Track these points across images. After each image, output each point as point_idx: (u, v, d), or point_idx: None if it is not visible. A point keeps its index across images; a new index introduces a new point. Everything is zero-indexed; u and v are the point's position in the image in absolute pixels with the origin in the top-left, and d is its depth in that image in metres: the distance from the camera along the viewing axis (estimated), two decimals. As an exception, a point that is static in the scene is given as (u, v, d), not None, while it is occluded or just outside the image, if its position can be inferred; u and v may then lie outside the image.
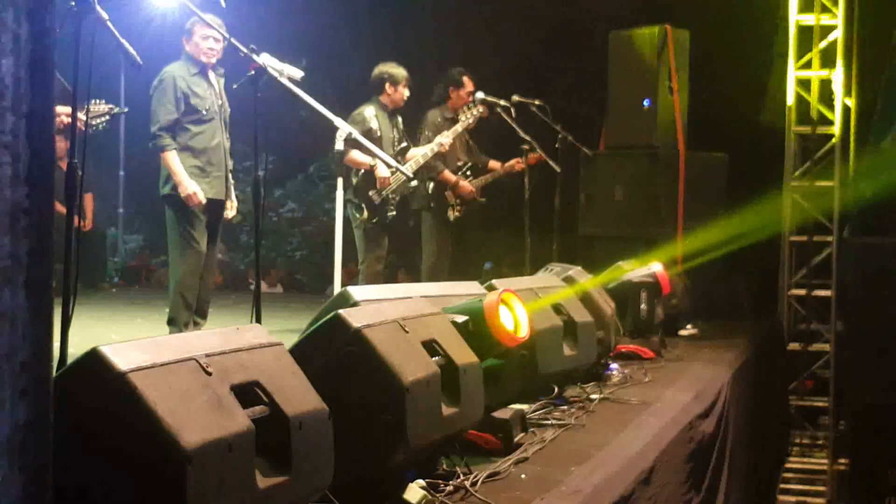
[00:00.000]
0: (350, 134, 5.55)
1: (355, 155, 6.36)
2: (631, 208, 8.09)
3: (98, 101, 4.12)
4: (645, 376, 4.95)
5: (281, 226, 13.99)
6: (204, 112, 5.48)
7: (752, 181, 8.87)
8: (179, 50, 5.61)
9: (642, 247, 7.53)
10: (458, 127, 6.83)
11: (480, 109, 6.85)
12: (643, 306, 5.60)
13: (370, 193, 6.44)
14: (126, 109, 4.50)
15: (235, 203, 5.72)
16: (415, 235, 7.50)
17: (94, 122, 4.22)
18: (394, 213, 6.51)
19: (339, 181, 6.18)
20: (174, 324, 5.41)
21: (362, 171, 6.46)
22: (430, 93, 7.30)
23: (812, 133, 8.28)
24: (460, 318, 3.25)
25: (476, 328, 3.23)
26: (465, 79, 7.18)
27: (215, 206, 5.57)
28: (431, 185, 7.07)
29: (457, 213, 7.11)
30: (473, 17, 11.00)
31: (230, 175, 5.65)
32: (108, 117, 4.19)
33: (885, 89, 7.77)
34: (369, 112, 6.59)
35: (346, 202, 6.49)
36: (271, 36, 6.12)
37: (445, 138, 6.75)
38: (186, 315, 5.41)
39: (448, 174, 7.04)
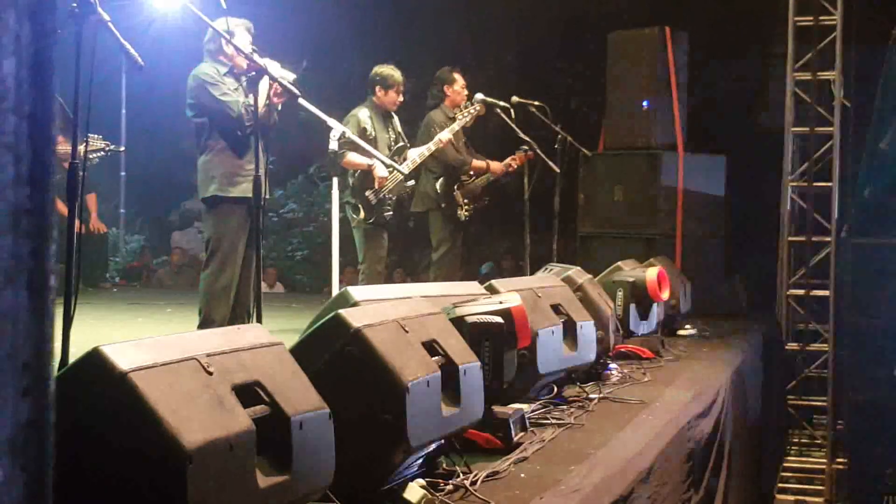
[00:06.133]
0: (344, 134, 5.54)
1: (352, 157, 6.37)
2: (630, 209, 8.11)
3: (96, 136, 4.13)
4: (644, 376, 4.96)
5: (281, 226, 14.02)
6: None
7: (751, 182, 8.90)
8: (180, 50, 5.60)
9: (641, 247, 7.55)
10: (456, 126, 6.83)
11: (478, 108, 6.85)
12: None
13: (366, 193, 6.45)
14: (122, 149, 4.52)
15: None
16: (414, 236, 7.51)
17: (89, 157, 4.23)
18: (391, 212, 6.53)
19: (335, 181, 6.19)
20: (212, 325, 5.29)
21: (359, 171, 6.46)
22: (424, 97, 7.32)
23: (810, 133, 8.30)
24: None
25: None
26: (455, 74, 7.19)
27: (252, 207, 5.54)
28: (439, 184, 7.07)
29: (466, 213, 7.13)
30: (473, 18, 11.02)
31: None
32: (102, 153, 4.21)
33: (883, 89, 7.78)
34: (363, 114, 6.60)
35: (344, 203, 6.50)
36: (272, 36, 6.13)
37: (444, 134, 6.75)
38: (224, 312, 5.32)
39: (478, 163, 7.09)
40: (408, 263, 11.72)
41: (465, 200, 7.10)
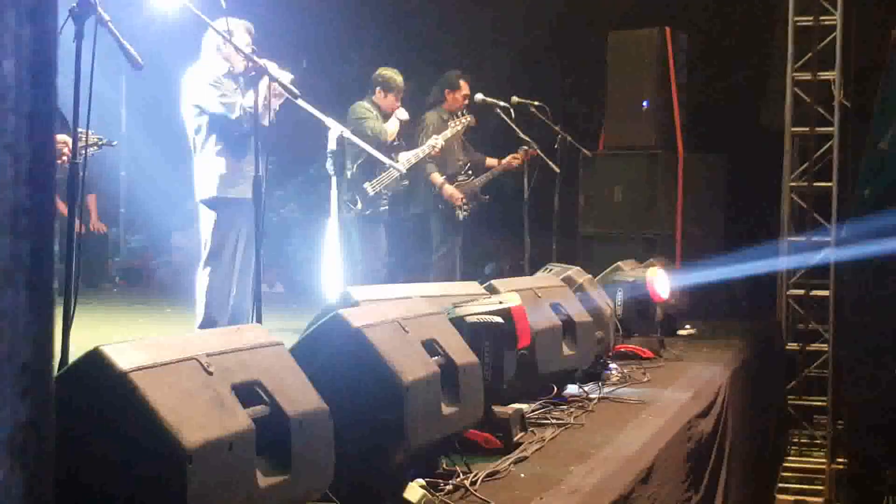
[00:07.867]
0: (342, 133, 5.54)
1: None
2: (630, 209, 8.11)
3: (90, 132, 4.13)
4: (644, 376, 4.97)
5: (281, 226, 14.00)
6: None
7: (751, 182, 8.90)
8: (180, 50, 5.59)
9: (641, 247, 7.55)
10: (448, 133, 6.84)
11: (469, 118, 6.90)
12: None
13: (364, 185, 6.48)
14: (116, 143, 4.50)
15: None
16: (415, 236, 7.50)
17: (81, 153, 4.22)
18: (386, 207, 6.57)
19: (333, 181, 6.21)
20: (212, 325, 5.26)
21: (359, 162, 6.48)
22: (428, 94, 7.33)
23: (810, 133, 8.29)
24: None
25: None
26: (462, 82, 7.19)
27: (250, 208, 5.52)
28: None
29: (465, 213, 7.14)
30: (473, 17, 11.01)
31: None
32: (96, 148, 4.20)
33: (883, 89, 7.77)
34: (367, 104, 6.69)
35: (341, 202, 6.52)
36: (272, 36, 6.13)
37: (438, 141, 6.77)
38: (224, 312, 5.32)
39: (435, 176, 7.04)
40: (409, 264, 11.72)
41: (464, 200, 7.12)
